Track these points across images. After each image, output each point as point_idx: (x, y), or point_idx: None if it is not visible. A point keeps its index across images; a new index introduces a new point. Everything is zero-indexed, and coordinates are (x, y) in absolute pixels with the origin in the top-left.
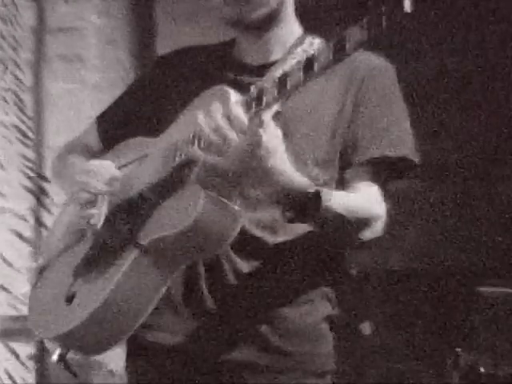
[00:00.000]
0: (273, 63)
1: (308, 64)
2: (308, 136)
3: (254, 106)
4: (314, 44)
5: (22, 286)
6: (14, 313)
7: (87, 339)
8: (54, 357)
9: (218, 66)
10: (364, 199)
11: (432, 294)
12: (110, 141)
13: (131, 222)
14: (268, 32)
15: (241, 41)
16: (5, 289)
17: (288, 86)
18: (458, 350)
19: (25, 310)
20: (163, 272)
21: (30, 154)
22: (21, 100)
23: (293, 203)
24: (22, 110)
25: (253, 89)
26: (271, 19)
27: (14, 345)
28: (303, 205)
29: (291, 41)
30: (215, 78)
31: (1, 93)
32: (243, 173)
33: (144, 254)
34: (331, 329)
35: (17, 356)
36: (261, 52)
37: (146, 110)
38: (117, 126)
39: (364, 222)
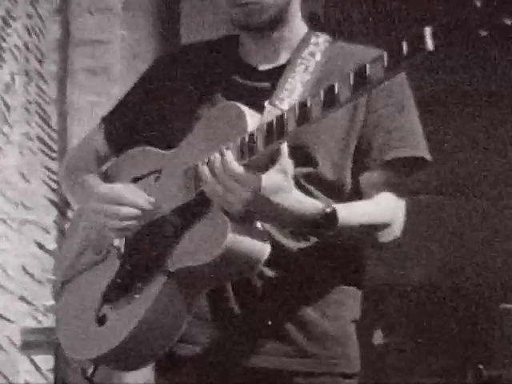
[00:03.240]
0: (281, 67)
1: (328, 100)
2: (322, 145)
3: (275, 137)
4: (320, 44)
5: (44, 299)
6: (35, 325)
7: (123, 360)
8: (89, 372)
9: (224, 66)
10: (376, 206)
11: (455, 310)
12: (117, 144)
13: (157, 247)
14: (274, 32)
15: (246, 40)
16: (27, 301)
17: (309, 120)
18: (480, 366)
19: (46, 322)
20: (193, 293)
21: (54, 166)
22: (45, 112)
23: (309, 227)
24: (46, 122)
25: (270, 115)
26: (277, 20)
27: (35, 357)
28: (320, 225)
29: (297, 40)
30: (222, 81)
31: (25, 105)
32: (255, 210)
33: (173, 280)
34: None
35: (37, 368)
36: (268, 54)
37: (151, 111)
38: (123, 128)
39: (377, 229)
